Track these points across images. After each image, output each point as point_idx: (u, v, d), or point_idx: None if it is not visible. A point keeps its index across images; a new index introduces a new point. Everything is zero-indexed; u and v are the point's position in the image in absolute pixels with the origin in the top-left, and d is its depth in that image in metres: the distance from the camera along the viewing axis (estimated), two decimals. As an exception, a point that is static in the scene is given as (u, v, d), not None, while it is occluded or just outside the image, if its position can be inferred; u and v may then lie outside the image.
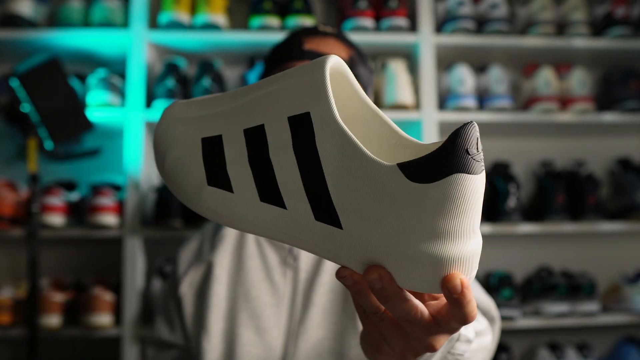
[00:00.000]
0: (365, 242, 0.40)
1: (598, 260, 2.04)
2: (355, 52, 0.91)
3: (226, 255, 0.93)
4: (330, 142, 0.39)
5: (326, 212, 0.41)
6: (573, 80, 1.88)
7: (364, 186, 0.38)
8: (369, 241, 0.40)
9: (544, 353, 1.82)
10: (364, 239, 0.40)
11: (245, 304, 0.88)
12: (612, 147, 2.11)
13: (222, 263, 0.92)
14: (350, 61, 0.88)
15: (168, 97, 1.72)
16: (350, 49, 0.91)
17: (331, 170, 0.40)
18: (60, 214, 1.70)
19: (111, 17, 1.77)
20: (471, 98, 1.82)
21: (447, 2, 1.88)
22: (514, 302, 1.75)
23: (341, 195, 0.39)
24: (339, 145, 0.39)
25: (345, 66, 0.43)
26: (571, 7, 1.92)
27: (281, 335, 0.85)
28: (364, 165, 0.38)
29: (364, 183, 0.38)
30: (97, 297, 1.63)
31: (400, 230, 0.38)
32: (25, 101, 1.49)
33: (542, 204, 1.87)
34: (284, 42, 0.92)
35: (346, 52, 0.89)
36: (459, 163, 0.36)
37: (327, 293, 0.86)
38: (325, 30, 0.91)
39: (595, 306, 1.78)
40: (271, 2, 1.79)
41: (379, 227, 0.39)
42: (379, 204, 0.38)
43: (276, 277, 0.89)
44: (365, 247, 0.40)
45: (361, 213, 0.39)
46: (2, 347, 1.84)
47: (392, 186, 0.38)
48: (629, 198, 1.86)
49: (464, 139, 0.36)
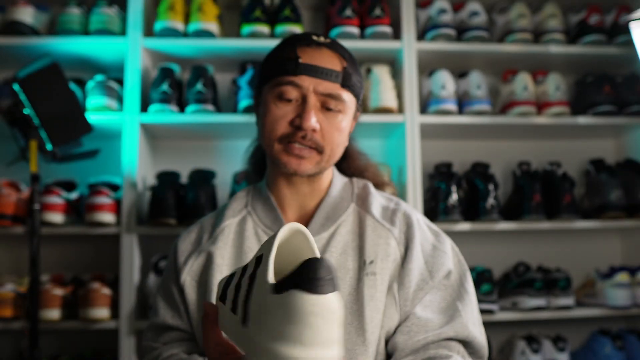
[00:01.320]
0: (251, 339, 0.55)
1: (573, 257, 2.11)
2: (349, 62, 0.96)
3: (227, 246, 0.98)
4: (262, 271, 0.55)
5: (244, 316, 0.57)
6: (549, 85, 1.95)
7: (261, 299, 0.54)
8: (252, 338, 0.55)
9: (521, 345, 1.87)
10: (253, 338, 0.54)
11: None
12: (586, 149, 2.18)
13: (223, 254, 0.97)
14: (344, 72, 0.93)
15: (163, 101, 1.78)
16: (343, 59, 0.95)
17: (254, 289, 0.56)
18: (60, 212, 1.75)
19: (109, 25, 1.82)
20: (452, 102, 1.89)
21: (429, 10, 1.95)
22: (493, 297, 1.81)
23: (253, 305, 0.56)
24: (263, 273, 0.55)
25: (302, 228, 0.60)
26: (547, 15, 1.99)
27: None
28: (265, 284, 0.54)
29: (262, 297, 0.54)
30: (95, 292, 1.67)
31: (264, 329, 0.52)
32: (27, 104, 1.54)
33: (519, 202, 1.93)
34: (280, 52, 0.96)
35: (340, 64, 0.94)
36: (301, 283, 0.49)
37: None
38: (319, 40, 0.95)
39: (570, 300, 1.84)
40: (261, 11, 1.86)
41: (257, 325, 0.54)
42: (262, 311, 0.53)
43: None
44: (251, 342, 0.55)
45: (255, 317, 0.55)
46: (5, 339, 1.89)
47: (266, 297, 0.53)
48: (602, 197, 1.92)
49: (308, 267, 0.50)
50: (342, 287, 0.92)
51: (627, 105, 1.96)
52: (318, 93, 0.93)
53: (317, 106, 0.93)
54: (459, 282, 0.97)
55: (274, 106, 0.94)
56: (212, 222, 1.04)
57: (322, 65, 0.92)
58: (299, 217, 1.01)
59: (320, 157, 0.95)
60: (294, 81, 0.92)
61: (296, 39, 0.96)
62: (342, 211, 1.00)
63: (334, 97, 0.93)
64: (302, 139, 0.92)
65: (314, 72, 0.92)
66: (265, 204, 1.02)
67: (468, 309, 0.93)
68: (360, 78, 0.99)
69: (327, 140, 0.94)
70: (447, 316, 0.91)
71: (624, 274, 1.86)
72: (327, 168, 0.98)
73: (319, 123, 0.93)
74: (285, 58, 0.93)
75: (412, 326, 0.90)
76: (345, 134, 0.98)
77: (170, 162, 2.02)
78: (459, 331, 0.89)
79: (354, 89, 0.96)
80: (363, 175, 1.11)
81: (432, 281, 0.94)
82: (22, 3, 1.82)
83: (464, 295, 0.95)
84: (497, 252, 2.09)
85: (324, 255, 0.95)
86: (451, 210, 1.83)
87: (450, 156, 2.10)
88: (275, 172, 1.01)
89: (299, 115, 0.92)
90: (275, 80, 0.94)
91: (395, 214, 1.00)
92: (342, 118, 0.95)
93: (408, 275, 0.93)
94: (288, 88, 0.92)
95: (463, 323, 0.90)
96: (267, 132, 0.95)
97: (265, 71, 0.97)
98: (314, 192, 1.01)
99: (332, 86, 0.93)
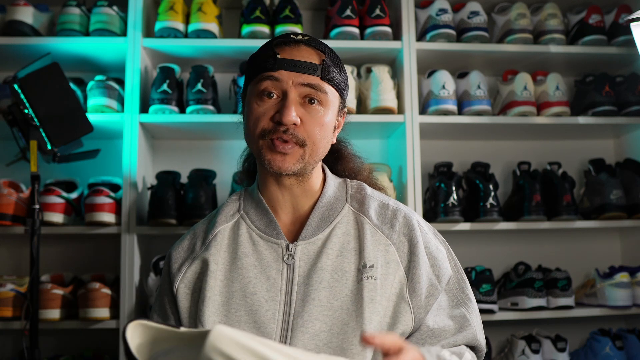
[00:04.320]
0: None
1: (573, 257, 2.11)
2: (328, 56, 0.97)
3: (221, 252, 0.98)
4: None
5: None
6: (549, 85, 1.94)
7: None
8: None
9: (521, 345, 1.87)
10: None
11: (242, 299, 0.93)
12: (586, 149, 2.18)
13: (217, 260, 0.97)
14: (323, 65, 0.95)
15: (163, 101, 1.79)
16: (322, 53, 0.96)
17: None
18: (60, 212, 1.75)
19: (109, 25, 1.82)
20: (451, 102, 1.89)
21: (429, 10, 1.95)
22: (493, 297, 1.81)
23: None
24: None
25: (228, 334, 0.59)
26: (547, 15, 1.99)
27: (278, 327, 0.90)
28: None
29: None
30: (95, 292, 1.67)
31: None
32: (27, 104, 1.54)
33: (519, 202, 1.93)
34: (260, 52, 0.98)
35: (318, 57, 0.96)
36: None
37: (324, 289, 0.92)
38: (297, 38, 0.97)
39: (570, 300, 1.84)
40: (261, 11, 1.86)
41: None
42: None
43: (272, 273, 0.94)
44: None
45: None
46: (5, 339, 1.90)
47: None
48: (602, 197, 1.92)
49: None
50: (340, 288, 0.93)
51: (627, 105, 1.96)
52: (298, 85, 0.93)
53: (297, 101, 0.94)
54: (459, 287, 0.99)
55: (255, 105, 0.95)
56: (205, 228, 1.04)
57: (301, 59, 0.94)
58: (293, 219, 1.01)
59: (303, 150, 0.94)
60: (273, 75, 0.93)
61: (276, 39, 0.98)
62: (337, 212, 1.00)
63: (314, 87, 0.94)
64: (283, 133, 0.92)
65: (293, 66, 0.93)
66: (258, 207, 1.01)
67: (474, 317, 0.97)
68: (343, 75, 1.00)
69: (308, 133, 0.94)
70: (457, 324, 0.95)
71: (624, 274, 1.86)
72: (312, 165, 0.97)
73: (300, 117, 0.93)
74: (264, 55, 0.95)
75: (426, 338, 0.93)
76: (328, 128, 0.97)
77: (170, 162, 2.03)
78: (470, 340, 0.94)
79: (335, 82, 0.97)
80: (357, 178, 1.11)
81: (440, 286, 0.96)
82: (22, 3, 1.82)
83: (468, 303, 0.98)
84: (497, 252, 2.09)
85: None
86: (451, 210, 1.83)
87: (450, 156, 2.11)
88: (264, 174, 1.00)
89: (279, 111, 0.92)
90: (256, 79, 0.95)
91: (395, 216, 1.00)
92: (325, 112, 0.96)
93: (418, 282, 0.94)
94: (267, 83, 0.94)
95: (473, 332, 0.95)
96: (250, 129, 0.95)
97: (248, 72, 0.99)
98: (307, 192, 1.00)
99: (311, 78, 0.94)
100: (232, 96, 1.95)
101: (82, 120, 1.62)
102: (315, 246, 0.96)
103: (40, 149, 1.55)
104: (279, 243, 0.97)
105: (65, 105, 1.60)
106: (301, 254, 0.95)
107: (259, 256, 0.96)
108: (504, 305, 1.90)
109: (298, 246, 0.96)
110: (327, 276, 0.93)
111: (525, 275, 1.87)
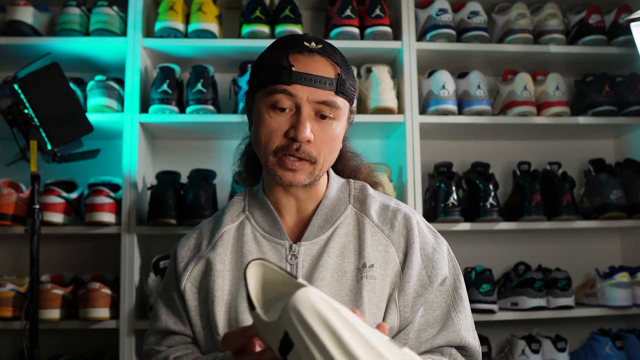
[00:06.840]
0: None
1: (573, 257, 2.11)
2: (342, 67, 0.95)
3: (226, 252, 0.99)
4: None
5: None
6: (549, 85, 1.95)
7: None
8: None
9: (521, 345, 1.87)
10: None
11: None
12: (586, 149, 2.18)
13: (224, 260, 0.98)
14: (338, 79, 0.93)
15: (163, 101, 1.79)
16: (337, 65, 0.94)
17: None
18: (60, 212, 1.75)
19: (109, 25, 1.82)
20: (451, 102, 1.89)
21: (429, 10, 1.95)
22: (493, 297, 1.81)
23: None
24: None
25: (311, 300, 0.58)
26: (547, 15, 1.99)
27: None
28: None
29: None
30: (95, 292, 1.67)
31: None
32: (27, 104, 1.54)
33: (519, 202, 1.94)
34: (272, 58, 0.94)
35: (334, 70, 0.94)
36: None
37: (324, 288, 0.92)
38: (311, 47, 0.94)
39: (570, 300, 1.84)
40: (261, 11, 1.86)
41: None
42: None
43: None
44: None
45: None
46: (5, 339, 1.90)
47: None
48: (602, 197, 1.92)
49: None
50: (340, 288, 0.93)
51: (627, 105, 1.96)
52: (312, 102, 0.92)
53: (311, 116, 0.93)
54: (453, 288, 0.99)
55: (267, 116, 0.93)
56: (211, 227, 1.04)
57: (316, 73, 0.92)
58: (297, 220, 1.01)
59: (313, 167, 0.94)
60: (287, 90, 0.91)
61: (288, 44, 0.95)
62: (340, 213, 1.00)
63: (329, 105, 0.93)
64: (296, 151, 0.92)
65: (308, 80, 0.91)
66: (263, 208, 1.02)
67: (462, 316, 0.96)
68: (353, 81, 0.98)
69: (320, 149, 0.94)
70: (441, 324, 0.95)
71: (624, 274, 1.86)
72: (321, 175, 0.98)
73: (313, 133, 0.92)
74: (278, 65, 0.92)
75: (408, 340, 0.93)
76: (339, 140, 0.98)
77: (170, 162, 2.03)
78: (451, 339, 0.94)
79: (348, 94, 0.96)
80: (356, 176, 1.11)
81: (430, 286, 0.95)
82: (22, 3, 1.82)
83: (458, 302, 0.97)
84: (497, 252, 2.09)
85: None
86: (451, 210, 1.83)
87: (450, 156, 2.11)
88: (271, 180, 1.00)
89: (294, 127, 0.91)
90: (268, 89, 0.93)
91: (395, 217, 1.00)
92: (336, 125, 0.95)
93: (408, 281, 0.94)
94: (282, 97, 0.92)
95: (456, 330, 0.94)
96: (263, 144, 0.94)
97: (258, 77, 0.97)
98: (311, 196, 1.01)
99: (326, 94, 0.92)
100: (232, 96, 1.95)
101: (82, 120, 1.62)
102: (317, 246, 0.97)
103: (40, 149, 1.56)
104: (282, 243, 0.97)
105: (65, 105, 1.60)
106: (304, 255, 0.96)
107: (262, 256, 0.97)
108: (504, 305, 1.90)
109: (301, 247, 0.97)
110: (328, 275, 0.93)
111: (525, 275, 1.88)
